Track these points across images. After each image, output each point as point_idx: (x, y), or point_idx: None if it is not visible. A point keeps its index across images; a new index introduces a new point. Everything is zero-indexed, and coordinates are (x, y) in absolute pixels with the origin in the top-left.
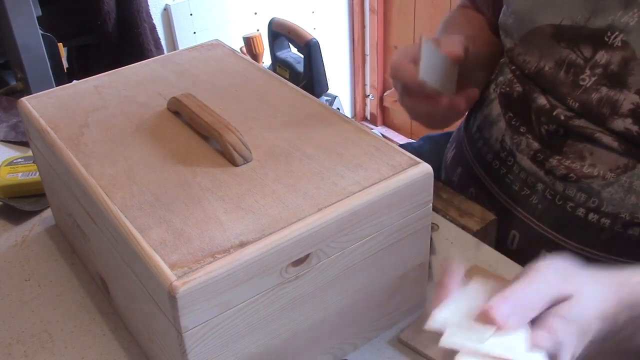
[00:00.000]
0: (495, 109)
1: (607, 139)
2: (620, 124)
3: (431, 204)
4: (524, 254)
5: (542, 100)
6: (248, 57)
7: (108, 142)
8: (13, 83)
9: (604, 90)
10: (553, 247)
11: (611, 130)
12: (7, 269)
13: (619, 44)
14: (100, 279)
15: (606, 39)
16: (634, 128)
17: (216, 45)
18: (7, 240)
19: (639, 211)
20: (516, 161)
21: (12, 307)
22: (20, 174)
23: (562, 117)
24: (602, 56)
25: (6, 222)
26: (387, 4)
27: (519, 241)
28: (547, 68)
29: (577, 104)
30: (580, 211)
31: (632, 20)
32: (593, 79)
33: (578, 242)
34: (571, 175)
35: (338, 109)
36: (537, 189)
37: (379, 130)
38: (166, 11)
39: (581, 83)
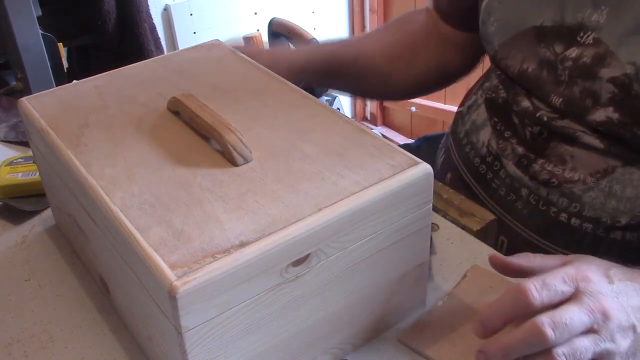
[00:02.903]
0: (482, 114)
1: (588, 138)
2: (602, 113)
3: (431, 204)
4: None
5: (525, 103)
6: (248, 57)
7: (108, 142)
8: (13, 83)
9: (580, 82)
10: (539, 252)
11: (594, 123)
12: (7, 269)
13: (590, 42)
14: (100, 279)
15: (579, 38)
16: (615, 116)
17: (216, 45)
18: (7, 240)
19: (619, 215)
20: (502, 166)
21: (12, 307)
22: (20, 174)
23: (545, 119)
24: (572, 51)
25: (6, 222)
26: (387, 4)
27: (507, 247)
28: (530, 70)
29: (560, 99)
30: (563, 216)
31: (602, 18)
32: (566, 72)
33: (562, 247)
34: (553, 180)
35: (338, 109)
36: (521, 195)
37: (379, 130)
38: (166, 11)
39: (560, 78)
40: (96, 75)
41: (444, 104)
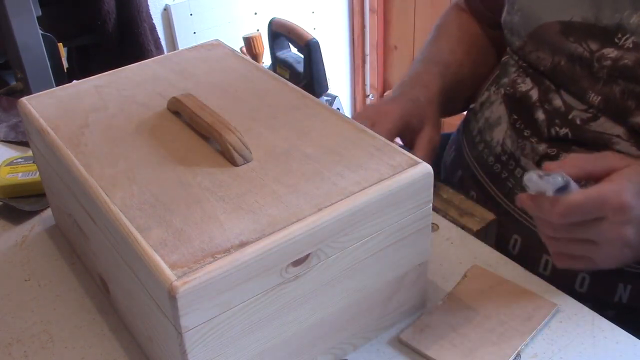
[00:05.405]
0: (497, 111)
1: (624, 145)
2: None
3: (431, 204)
4: (525, 258)
5: (557, 102)
6: (248, 57)
7: (108, 142)
8: (13, 83)
9: (622, 82)
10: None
11: (636, 126)
12: (7, 269)
13: (630, 46)
14: (100, 279)
15: (616, 40)
16: None
17: (216, 45)
18: (7, 240)
19: None
20: (518, 165)
21: (12, 307)
22: (20, 174)
23: (578, 121)
24: (611, 51)
25: (6, 222)
26: (387, 4)
27: (520, 245)
28: (562, 63)
29: (599, 97)
30: None
31: None
32: (604, 70)
33: None
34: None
35: (338, 109)
36: None
37: None
38: (166, 11)
39: (598, 75)
40: (96, 75)
41: None
